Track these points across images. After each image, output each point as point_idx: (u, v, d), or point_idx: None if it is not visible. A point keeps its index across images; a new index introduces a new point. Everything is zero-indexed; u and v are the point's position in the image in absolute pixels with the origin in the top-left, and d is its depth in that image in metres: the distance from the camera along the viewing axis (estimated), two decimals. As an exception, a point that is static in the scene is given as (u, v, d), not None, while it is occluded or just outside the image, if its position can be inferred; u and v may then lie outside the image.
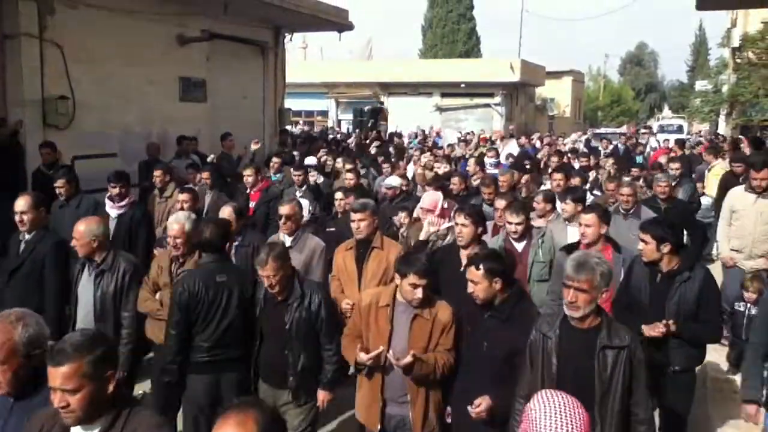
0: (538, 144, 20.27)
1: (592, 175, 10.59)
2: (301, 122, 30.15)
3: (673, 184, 8.76)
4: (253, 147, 10.57)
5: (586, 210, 5.15)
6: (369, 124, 24.71)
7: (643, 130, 35.12)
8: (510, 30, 76.89)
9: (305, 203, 7.69)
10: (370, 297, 4.16)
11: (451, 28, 47.55)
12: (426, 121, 29.81)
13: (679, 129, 32.52)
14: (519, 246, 5.36)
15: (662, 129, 32.50)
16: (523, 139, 20.46)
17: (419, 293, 3.86)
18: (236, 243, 5.56)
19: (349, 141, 19.31)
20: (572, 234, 5.71)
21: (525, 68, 31.34)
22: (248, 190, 8.28)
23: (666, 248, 4.30)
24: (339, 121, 33.59)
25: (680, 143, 16.68)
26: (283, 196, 7.89)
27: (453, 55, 43.86)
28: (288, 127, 17.21)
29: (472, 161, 11.07)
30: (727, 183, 8.56)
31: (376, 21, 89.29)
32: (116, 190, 6.67)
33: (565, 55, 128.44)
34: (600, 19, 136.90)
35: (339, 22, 15.05)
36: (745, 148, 12.83)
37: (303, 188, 8.67)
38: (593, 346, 3.36)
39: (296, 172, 8.83)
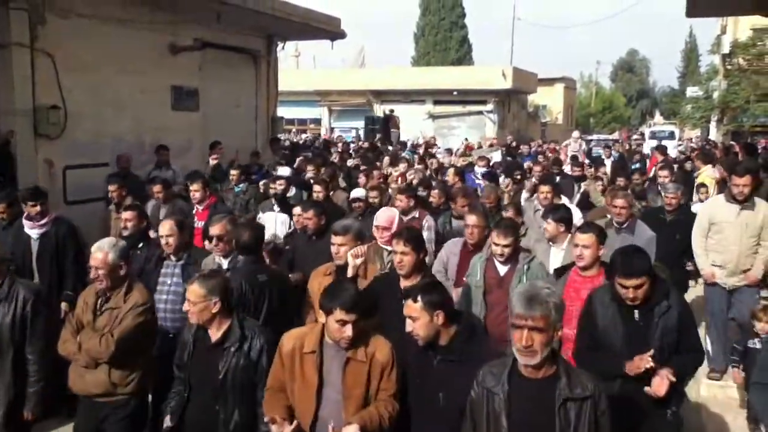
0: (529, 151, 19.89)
1: (582, 186, 9.89)
2: (294, 131, 30.14)
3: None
4: (212, 161, 9.81)
5: (582, 229, 4.67)
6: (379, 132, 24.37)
7: (635, 137, 35.31)
8: (502, 38, 77.24)
9: (284, 219, 7.47)
10: (293, 341, 3.46)
11: (444, 35, 47.74)
12: (418, 128, 29.85)
13: (671, 135, 32.64)
14: (502, 269, 4.86)
15: (654, 135, 32.62)
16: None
17: (348, 331, 3.27)
18: (182, 261, 5.13)
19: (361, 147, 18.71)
20: (555, 256, 5.46)
21: (517, 75, 31.47)
22: (195, 207, 7.54)
23: (645, 285, 3.73)
24: (332, 129, 33.61)
25: (662, 150, 16.12)
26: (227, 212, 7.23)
27: (445, 62, 43.99)
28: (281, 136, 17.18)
29: (451, 171, 9.81)
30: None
31: (369, 29, 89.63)
32: (35, 209, 6.09)
33: (557, 63, 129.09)
34: (591, 26, 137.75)
35: (331, 31, 15.05)
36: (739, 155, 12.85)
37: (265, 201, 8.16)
38: (552, 399, 2.85)
39: (273, 183, 8.33)
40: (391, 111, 28.49)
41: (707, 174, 10.21)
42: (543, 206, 7.06)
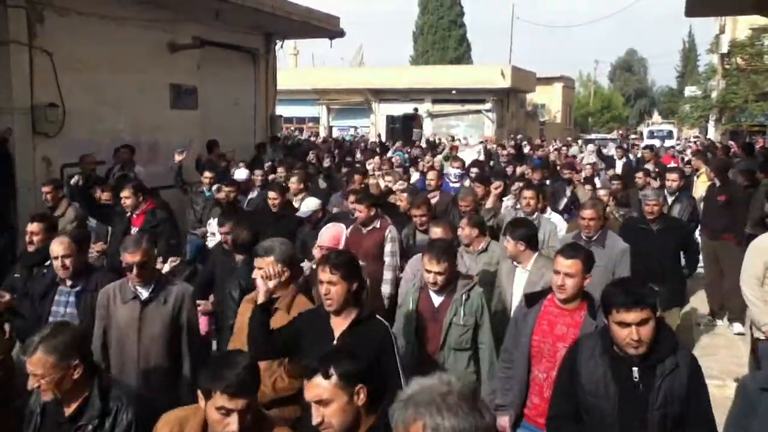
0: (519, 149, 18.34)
1: (569, 190, 9.20)
2: (292, 129, 30.13)
3: (671, 200, 8.09)
4: (177, 158, 8.96)
5: (565, 253, 3.74)
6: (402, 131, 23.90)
7: (632, 136, 35.32)
8: (500, 36, 77.20)
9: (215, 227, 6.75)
10: (169, 428, 2.63)
11: (442, 34, 47.70)
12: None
13: (669, 135, 32.68)
14: (437, 299, 4.19)
15: (652, 135, 32.66)
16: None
17: (233, 425, 2.43)
18: (77, 288, 4.39)
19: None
20: (520, 278, 4.82)
21: (516, 74, 31.46)
22: (128, 214, 6.85)
23: (650, 322, 2.92)
24: (330, 128, 33.60)
25: (650, 148, 15.11)
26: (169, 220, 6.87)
27: (444, 61, 43.97)
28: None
29: (432, 174, 8.70)
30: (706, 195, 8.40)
31: (368, 28, 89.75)
32: None
33: (556, 62, 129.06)
34: (590, 25, 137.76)
35: (330, 29, 15.05)
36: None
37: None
38: None
39: (227, 188, 7.65)
40: (415, 110, 28.05)
41: (707, 174, 10.03)
42: (526, 214, 6.46)
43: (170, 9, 11.28)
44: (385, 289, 5.91)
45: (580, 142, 27.12)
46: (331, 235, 4.81)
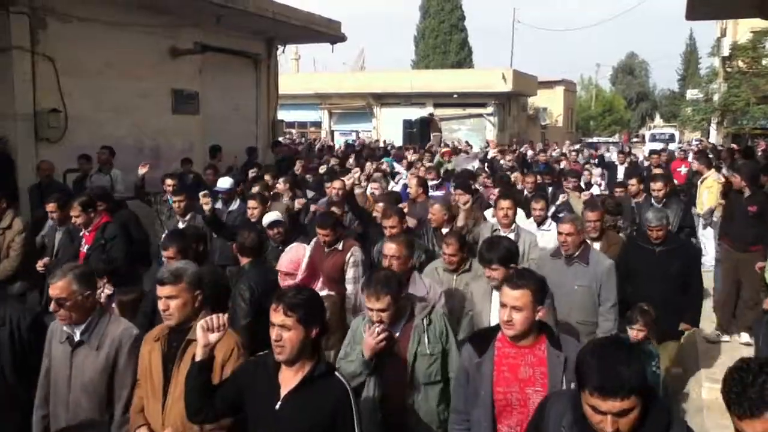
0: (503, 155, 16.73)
1: (562, 197, 8.53)
2: (294, 133, 30.15)
3: (660, 205, 7.45)
4: (141, 171, 8.41)
5: (511, 282, 3.18)
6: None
7: (635, 140, 35.30)
8: (502, 40, 77.27)
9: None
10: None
11: (444, 38, 47.75)
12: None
13: (671, 138, 32.67)
14: (396, 328, 3.63)
15: (654, 138, 32.66)
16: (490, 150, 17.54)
17: None
18: None
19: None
20: (498, 300, 3.89)
21: (517, 78, 31.46)
22: (82, 231, 6.27)
23: (633, 411, 2.23)
24: (332, 132, 33.62)
25: (656, 153, 14.30)
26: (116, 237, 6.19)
27: (445, 65, 44.01)
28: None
29: (413, 182, 8.17)
30: (730, 203, 7.79)
31: (369, 32, 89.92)
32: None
33: (557, 65, 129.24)
34: (591, 29, 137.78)
35: (331, 34, 15.08)
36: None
37: (187, 218, 6.93)
38: None
39: (176, 197, 7.10)
40: (431, 114, 27.58)
41: (713, 179, 9.92)
42: (503, 225, 5.96)
43: (172, 14, 11.32)
44: (349, 319, 5.12)
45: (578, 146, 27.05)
46: (289, 259, 4.22)
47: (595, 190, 11.02)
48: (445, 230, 6.13)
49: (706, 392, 6.29)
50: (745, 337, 7.22)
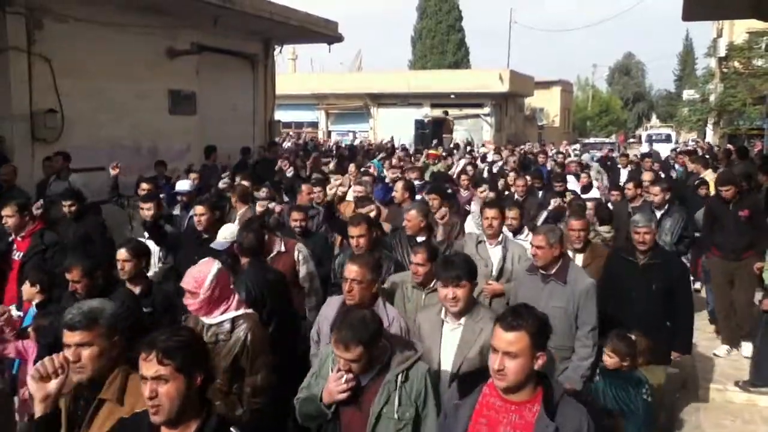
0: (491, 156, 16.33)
1: (554, 203, 7.88)
2: (291, 133, 30.15)
3: (659, 214, 7.07)
4: (112, 171, 8.01)
5: (505, 322, 2.59)
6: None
7: (631, 140, 35.37)
8: (499, 41, 77.37)
9: (154, 247, 6.07)
10: None
11: (441, 39, 47.80)
12: (416, 131, 29.90)
13: (668, 138, 32.72)
14: (364, 377, 3.06)
15: (650, 138, 32.70)
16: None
17: None
18: None
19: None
20: (449, 336, 3.59)
21: (514, 79, 31.50)
22: (12, 236, 5.81)
23: None
24: (329, 133, 33.63)
25: (649, 156, 13.37)
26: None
27: (442, 66, 44.05)
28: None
29: (399, 185, 7.62)
30: (714, 210, 7.07)
31: (366, 32, 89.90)
32: None
33: (554, 66, 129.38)
34: (588, 29, 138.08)
35: (329, 34, 15.09)
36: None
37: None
38: None
39: (144, 204, 6.45)
40: (445, 113, 27.24)
41: (710, 178, 9.71)
42: (489, 237, 5.37)
43: (169, 15, 11.32)
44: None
45: (576, 146, 27.06)
46: (193, 276, 3.54)
47: (595, 193, 10.15)
48: (421, 239, 5.50)
49: (703, 392, 6.30)
50: (746, 349, 6.69)
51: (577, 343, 4.39)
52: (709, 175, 10.05)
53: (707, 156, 13.84)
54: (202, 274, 3.57)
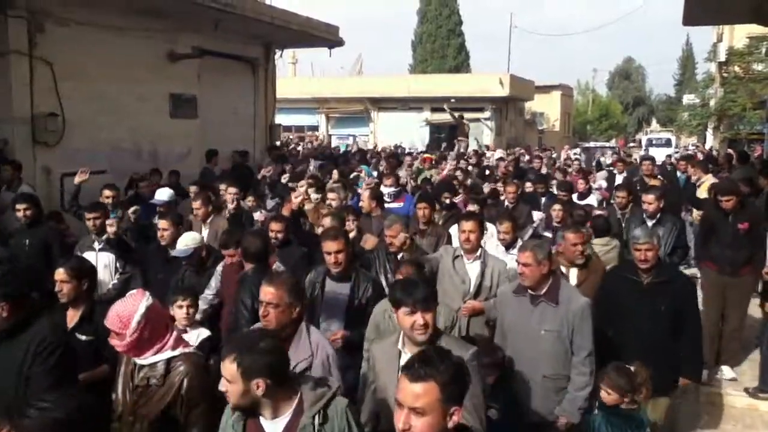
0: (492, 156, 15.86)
1: (538, 215, 7.41)
2: (292, 137, 30.16)
3: (651, 223, 6.67)
4: (78, 179, 7.64)
5: (411, 373, 2.21)
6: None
7: (631, 144, 35.38)
8: (499, 45, 77.49)
9: (108, 258, 5.88)
10: None
11: (441, 43, 47.81)
12: (416, 136, 29.92)
13: (668, 142, 32.74)
14: (271, 427, 2.65)
15: (651, 143, 32.71)
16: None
17: None
18: None
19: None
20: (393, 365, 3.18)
21: (514, 83, 31.52)
22: None
23: None
24: (330, 137, 33.66)
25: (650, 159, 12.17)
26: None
27: (443, 70, 44.05)
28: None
29: (366, 194, 7.11)
30: (711, 219, 6.65)
31: (367, 36, 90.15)
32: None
33: (554, 70, 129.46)
34: (588, 34, 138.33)
35: (329, 38, 15.10)
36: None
37: (103, 238, 5.99)
38: None
39: (90, 213, 6.02)
40: (461, 117, 27.15)
41: (711, 183, 9.58)
42: (466, 252, 4.98)
43: (170, 19, 11.33)
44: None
45: (577, 150, 27.05)
46: (116, 313, 3.07)
47: (593, 200, 9.53)
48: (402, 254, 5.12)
49: (704, 397, 6.27)
50: (728, 371, 6.45)
51: (573, 371, 4.02)
52: (710, 179, 9.92)
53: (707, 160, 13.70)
54: (128, 311, 3.06)
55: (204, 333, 4.56)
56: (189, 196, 8.10)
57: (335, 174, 10.08)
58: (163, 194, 7.58)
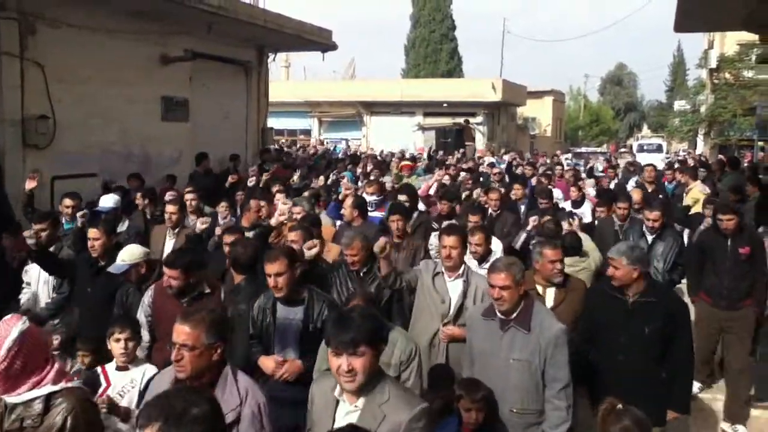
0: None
1: (532, 221, 6.72)
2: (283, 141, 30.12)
3: (651, 238, 6.37)
4: (29, 185, 7.18)
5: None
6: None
7: (622, 150, 35.53)
8: (492, 51, 77.69)
9: (47, 277, 5.50)
10: None
11: (434, 48, 47.90)
12: (409, 140, 29.95)
13: (659, 148, 32.90)
14: None
15: (642, 148, 32.86)
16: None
17: None
18: None
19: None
20: (345, 420, 2.73)
21: (506, 88, 31.60)
22: None
23: None
24: (322, 141, 33.64)
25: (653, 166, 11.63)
26: None
27: (435, 74, 44.15)
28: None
29: (347, 203, 6.63)
30: (706, 243, 6.01)
31: (360, 41, 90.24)
32: None
33: (546, 76, 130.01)
34: (580, 40, 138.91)
35: (322, 42, 15.09)
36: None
37: (50, 249, 5.57)
38: None
39: (37, 224, 5.54)
40: (466, 121, 26.79)
41: (698, 190, 9.71)
42: (448, 269, 4.53)
43: (162, 21, 11.29)
44: None
45: (569, 155, 27.12)
46: (1, 341, 2.60)
47: (587, 208, 8.98)
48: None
49: (693, 404, 6.24)
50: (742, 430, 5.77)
51: (547, 406, 3.62)
52: (698, 187, 9.90)
53: (698, 166, 13.69)
54: (26, 338, 2.59)
55: (151, 370, 3.92)
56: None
57: (321, 180, 9.87)
58: (108, 201, 7.09)
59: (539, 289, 4.63)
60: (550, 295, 4.67)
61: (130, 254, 4.86)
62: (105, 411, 3.40)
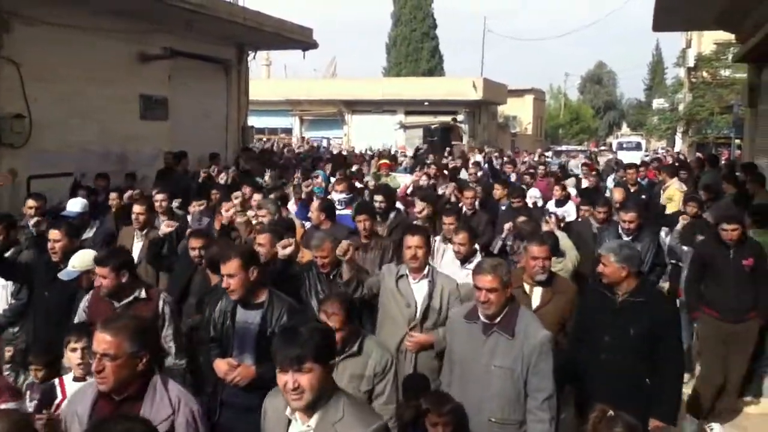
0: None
1: (506, 227, 6.51)
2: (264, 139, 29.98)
3: (627, 239, 6.04)
4: None
5: None
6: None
7: (602, 148, 35.83)
8: (472, 49, 77.88)
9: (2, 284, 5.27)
10: None
11: (415, 46, 47.92)
12: (390, 138, 29.96)
13: (638, 146, 33.21)
14: None
15: (621, 146, 33.15)
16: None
17: None
18: None
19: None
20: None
21: (487, 86, 31.72)
22: None
23: None
24: (303, 138, 33.55)
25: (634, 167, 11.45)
26: None
27: (416, 73, 44.19)
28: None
29: (314, 205, 6.41)
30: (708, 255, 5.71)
31: (340, 39, 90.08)
32: None
33: (527, 74, 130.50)
34: (560, 39, 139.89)
35: (303, 41, 15.05)
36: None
37: (9, 253, 5.47)
38: None
39: None
40: (454, 120, 26.33)
41: (675, 188, 9.71)
42: (412, 270, 4.34)
43: (141, 19, 11.20)
44: None
45: (549, 153, 27.27)
46: None
47: (571, 207, 8.75)
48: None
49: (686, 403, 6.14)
50: (717, 428, 5.52)
51: (529, 417, 3.43)
52: (675, 184, 9.89)
53: (676, 164, 13.74)
54: None
55: None
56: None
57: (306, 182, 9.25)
58: (76, 205, 6.79)
59: (526, 287, 4.50)
60: (536, 294, 4.51)
61: (80, 260, 4.54)
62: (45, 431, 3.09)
